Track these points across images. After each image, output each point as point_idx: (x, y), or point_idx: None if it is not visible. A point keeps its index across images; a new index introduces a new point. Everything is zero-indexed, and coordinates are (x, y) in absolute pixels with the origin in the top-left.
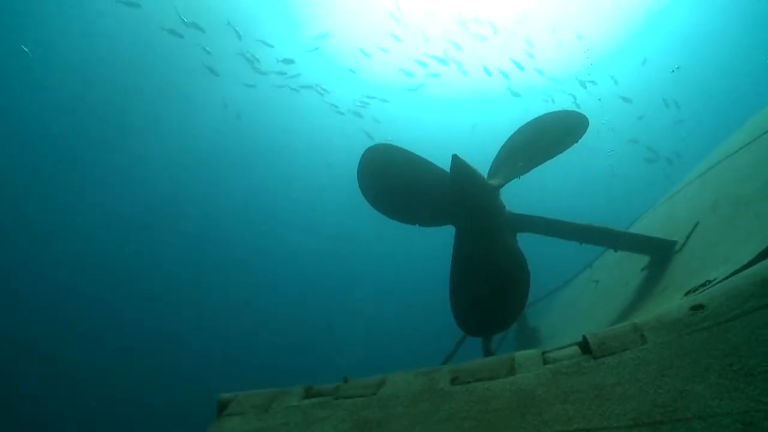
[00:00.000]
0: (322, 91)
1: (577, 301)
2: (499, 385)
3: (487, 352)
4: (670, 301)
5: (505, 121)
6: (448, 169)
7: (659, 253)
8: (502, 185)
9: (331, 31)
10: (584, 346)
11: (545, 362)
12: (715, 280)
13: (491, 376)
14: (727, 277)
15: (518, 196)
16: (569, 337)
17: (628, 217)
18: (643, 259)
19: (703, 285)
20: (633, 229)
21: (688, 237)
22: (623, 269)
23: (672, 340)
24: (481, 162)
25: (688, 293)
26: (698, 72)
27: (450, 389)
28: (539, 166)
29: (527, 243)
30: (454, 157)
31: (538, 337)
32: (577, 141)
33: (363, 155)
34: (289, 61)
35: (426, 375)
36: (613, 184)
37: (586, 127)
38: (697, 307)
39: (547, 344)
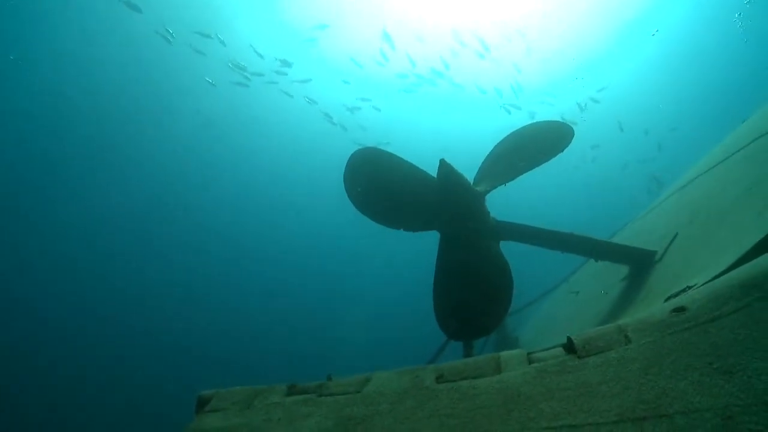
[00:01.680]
0: (310, 101)
1: (557, 310)
2: (485, 383)
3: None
4: (651, 308)
5: (491, 129)
6: (434, 175)
7: (639, 263)
8: (487, 192)
9: (324, 39)
10: (569, 347)
11: (530, 362)
12: (695, 285)
13: (477, 374)
14: (706, 282)
15: (506, 202)
16: (550, 344)
17: (610, 230)
18: (623, 270)
19: (683, 290)
20: (614, 240)
21: (667, 247)
22: (603, 280)
23: (655, 340)
24: (468, 169)
25: (669, 298)
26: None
27: (435, 387)
28: (524, 175)
29: (511, 251)
30: (442, 162)
31: (518, 345)
32: (562, 150)
33: (349, 159)
34: (286, 63)
35: (411, 373)
36: (596, 194)
37: (572, 137)
38: (678, 309)
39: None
